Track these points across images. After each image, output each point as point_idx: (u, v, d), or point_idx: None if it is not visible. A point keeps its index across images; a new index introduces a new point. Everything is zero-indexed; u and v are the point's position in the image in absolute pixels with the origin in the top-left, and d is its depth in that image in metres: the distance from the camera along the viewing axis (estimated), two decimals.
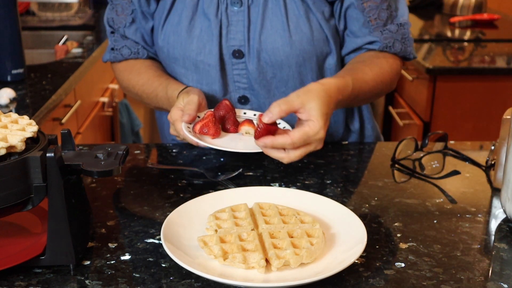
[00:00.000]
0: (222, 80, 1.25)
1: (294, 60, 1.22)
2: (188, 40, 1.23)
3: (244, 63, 1.23)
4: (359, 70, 1.19)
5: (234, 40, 1.22)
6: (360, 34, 1.25)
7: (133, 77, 1.32)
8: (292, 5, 1.20)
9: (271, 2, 1.20)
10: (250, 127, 1.15)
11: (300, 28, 1.20)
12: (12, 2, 1.79)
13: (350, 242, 0.88)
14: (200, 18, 1.23)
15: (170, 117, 1.14)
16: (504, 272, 0.86)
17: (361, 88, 1.17)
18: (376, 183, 1.14)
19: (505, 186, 0.99)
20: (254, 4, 1.21)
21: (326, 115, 1.02)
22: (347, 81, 1.13)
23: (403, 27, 1.27)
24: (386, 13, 1.24)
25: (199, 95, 1.15)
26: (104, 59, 1.37)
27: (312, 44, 1.22)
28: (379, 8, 1.23)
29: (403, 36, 1.27)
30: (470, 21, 2.93)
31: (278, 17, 1.20)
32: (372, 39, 1.25)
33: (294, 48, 1.21)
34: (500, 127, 1.11)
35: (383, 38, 1.25)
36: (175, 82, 1.26)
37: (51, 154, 0.81)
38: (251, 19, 1.21)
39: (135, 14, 1.29)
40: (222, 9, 1.21)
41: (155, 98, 1.28)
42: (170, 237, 0.88)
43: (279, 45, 1.20)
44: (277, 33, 1.20)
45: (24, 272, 0.85)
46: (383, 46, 1.25)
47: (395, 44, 1.26)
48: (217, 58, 1.23)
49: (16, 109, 1.61)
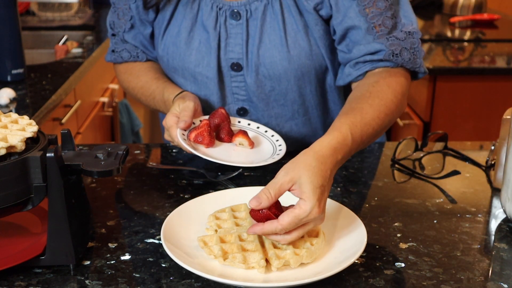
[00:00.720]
0: (220, 92, 1.25)
1: (292, 74, 1.21)
2: (187, 52, 1.23)
3: (242, 75, 1.23)
4: (357, 112, 1.03)
5: (232, 53, 1.22)
6: (364, 42, 1.15)
7: (133, 79, 1.33)
8: (291, 20, 1.18)
9: (270, 16, 1.19)
10: (244, 139, 1.16)
11: (299, 43, 1.19)
12: (12, 2, 1.78)
13: (350, 242, 0.88)
14: (199, 30, 1.23)
15: (165, 123, 1.14)
16: (504, 272, 0.86)
17: (364, 133, 1.01)
18: (376, 183, 1.14)
19: (505, 186, 0.99)
20: (253, 18, 1.20)
21: (321, 188, 0.87)
22: (344, 134, 0.96)
23: (412, 35, 1.15)
24: (391, 22, 1.14)
25: (194, 101, 1.16)
26: (106, 59, 1.39)
27: (310, 58, 1.20)
28: (383, 15, 1.13)
29: (412, 46, 1.15)
30: (470, 21, 2.93)
31: (276, 32, 1.19)
32: (376, 47, 1.14)
33: (292, 63, 1.19)
34: (500, 127, 1.11)
35: (389, 44, 1.13)
36: (171, 86, 1.26)
37: (51, 154, 0.81)
38: (249, 33, 1.20)
39: (133, 21, 1.30)
40: (221, 21, 1.21)
41: (153, 101, 1.29)
42: (170, 237, 0.88)
43: (277, 59, 1.19)
44: (275, 48, 1.19)
45: (24, 272, 0.85)
46: (388, 53, 1.13)
47: (403, 53, 1.14)
48: (215, 71, 1.23)
49: (16, 109, 1.61)
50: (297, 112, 1.27)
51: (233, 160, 1.12)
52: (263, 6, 1.19)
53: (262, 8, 1.19)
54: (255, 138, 1.20)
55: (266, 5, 1.18)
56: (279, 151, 1.16)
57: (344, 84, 1.21)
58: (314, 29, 1.18)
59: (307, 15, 1.18)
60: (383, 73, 1.14)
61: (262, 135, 1.21)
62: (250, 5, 1.19)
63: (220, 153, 1.13)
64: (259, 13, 1.19)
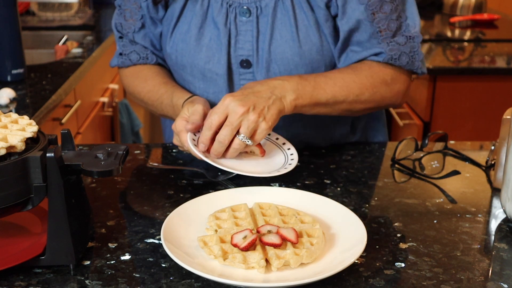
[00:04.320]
0: (229, 89, 1.25)
1: (303, 70, 1.21)
2: (197, 49, 1.23)
3: (251, 73, 1.23)
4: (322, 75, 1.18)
5: (242, 49, 1.22)
6: (368, 45, 1.20)
7: (139, 83, 1.31)
8: (302, 16, 1.19)
9: (280, 12, 1.19)
10: (255, 147, 1.12)
11: (310, 38, 1.19)
12: (12, 2, 1.78)
13: (350, 242, 0.88)
14: (209, 26, 1.22)
15: (175, 127, 1.12)
16: (504, 272, 0.86)
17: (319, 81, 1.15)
18: (376, 183, 1.14)
19: (505, 186, 0.99)
20: (263, 15, 1.20)
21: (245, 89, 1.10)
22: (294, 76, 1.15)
23: (413, 40, 1.20)
24: (396, 24, 1.18)
25: (204, 104, 1.13)
26: (112, 64, 1.36)
27: (321, 54, 1.20)
28: (388, 18, 1.17)
29: (411, 50, 1.20)
30: (470, 21, 2.93)
31: (287, 27, 1.19)
32: (377, 50, 1.19)
33: (303, 58, 1.20)
34: (500, 127, 1.11)
35: (388, 49, 1.19)
36: (180, 90, 1.24)
37: (51, 154, 0.81)
38: (260, 29, 1.20)
39: (144, 20, 1.28)
40: (231, 18, 1.21)
41: (160, 105, 1.26)
42: (170, 237, 0.88)
43: (288, 55, 1.19)
44: (286, 43, 1.19)
45: (24, 272, 0.85)
46: (388, 58, 1.19)
47: (401, 57, 1.20)
48: (225, 68, 1.22)
49: (16, 109, 1.61)
50: None
51: (244, 169, 1.09)
52: (273, 3, 1.19)
53: (272, 5, 1.19)
54: (266, 146, 1.16)
55: (277, 1, 1.19)
56: (291, 160, 1.13)
57: None
58: (324, 25, 1.19)
59: (318, 11, 1.19)
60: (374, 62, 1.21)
61: (274, 142, 1.18)
62: (260, 1, 1.20)
63: (231, 161, 1.10)
64: (270, 10, 1.19)
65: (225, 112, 1.06)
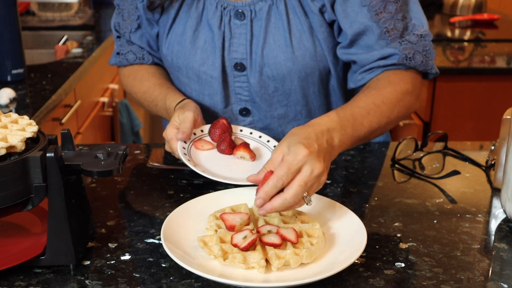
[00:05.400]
0: (224, 91, 1.25)
1: (296, 75, 1.20)
2: (192, 51, 1.23)
3: (245, 76, 1.23)
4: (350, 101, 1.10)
5: (236, 52, 1.21)
6: (377, 47, 1.16)
7: (136, 84, 1.32)
8: (295, 20, 1.18)
9: (274, 17, 1.19)
10: (246, 152, 1.12)
11: (303, 43, 1.18)
12: (12, 2, 1.78)
13: (350, 242, 0.88)
14: (204, 29, 1.22)
15: (166, 135, 1.11)
16: (504, 272, 0.86)
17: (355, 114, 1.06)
18: (376, 183, 1.14)
19: (505, 186, 0.99)
20: (257, 18, 1.19)
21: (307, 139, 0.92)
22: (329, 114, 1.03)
23: (424, 38, 1.16)
24: (402, 24, 1.15)
25: (194, 111, 1.12)
26: (111, 62, 1.37)
27: (315, 59, 1.20)
28: (394, 18, 1.14)
29: (424, 48, 1.16)
30: (470, 21, 2.93)
31: (280, 32, 1.18)
32: (389, 51, 1.15)
33: (296, 63, 1.19)
34: (500, 127, 1.11)
35: (402, 48, 1.14)
36: (174, 93, 1.24)
37: (51, 154, 0.81)
38: (253, 33, 1.20)
39: (140, 20, 1.29)
40: (225, 21, 1.21)
41: (155, 107, 1.28)
42: (170, 237, 0.88)
43: (281, 60, 1.19)
44: (279, 48, 1.19)
45: (24, 272, 0.85)
46: (402, 57, 1.14)
47: (416, 56, 1.15)
48: (219, 70, 1.22)
49: (16, 109, 1.61)
50: (300, 113, 1.26)
51: (234, 176, 1.07)
52: (267, 7, 1.18)
53: (266, 9, 1.18)
54: (257, 150, 1.16)
55: (271, 5, 1.18)
56: None
57: (355, 87, 1.22)
58: (318, 30, 1.18)
59: (312, 16, 1.18)
60: (388, 72, 1.17)
61: (265, 145, 1.18)
62: (255, 5, 1.19)
63: (221, 168, 1.09)
64: (264, 14, 1.19)
65: (299, 168, 0.90)
